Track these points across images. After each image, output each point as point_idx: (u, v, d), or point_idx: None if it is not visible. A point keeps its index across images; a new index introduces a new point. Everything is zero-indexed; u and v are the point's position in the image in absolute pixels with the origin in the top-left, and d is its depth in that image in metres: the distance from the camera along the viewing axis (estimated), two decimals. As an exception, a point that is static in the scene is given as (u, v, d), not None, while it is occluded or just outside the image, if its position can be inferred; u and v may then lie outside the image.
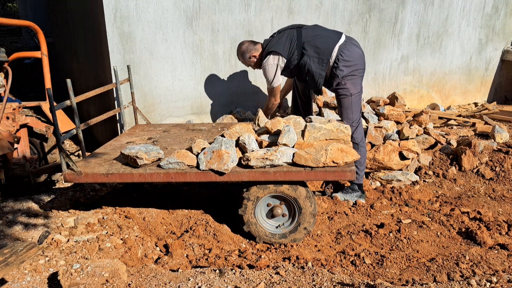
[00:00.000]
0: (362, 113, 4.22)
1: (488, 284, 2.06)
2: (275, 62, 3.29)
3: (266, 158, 2.61)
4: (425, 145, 4.12)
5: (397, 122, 4.31)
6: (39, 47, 3.58)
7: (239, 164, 2.71)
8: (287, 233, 2.86)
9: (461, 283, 2.10)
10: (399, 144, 3.83)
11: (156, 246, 2.83)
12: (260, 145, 2.82)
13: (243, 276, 2.22)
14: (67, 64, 6.37)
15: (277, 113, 4.41)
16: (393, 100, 4.70)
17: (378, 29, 4.83)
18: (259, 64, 3.49)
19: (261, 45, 3.44)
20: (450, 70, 5.51)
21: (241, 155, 2.74)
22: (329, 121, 2.91)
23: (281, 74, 3.42)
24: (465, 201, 3.42)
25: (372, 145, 3.88)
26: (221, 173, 2.66)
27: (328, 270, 2.37)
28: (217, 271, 2.27)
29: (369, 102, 4.67)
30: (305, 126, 2.83)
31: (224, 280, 2.17)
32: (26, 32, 11.58)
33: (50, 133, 3.67)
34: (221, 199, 3.51)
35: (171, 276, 2.25)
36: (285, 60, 3.28)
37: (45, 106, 3.75)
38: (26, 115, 3.58)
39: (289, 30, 3.34)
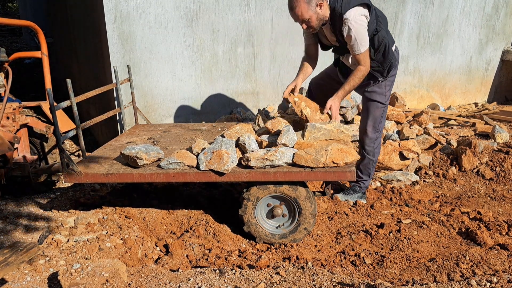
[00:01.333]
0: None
1: (488, 284, 2.06)
2: (364, 16, 2.62)
3: (266, 159, 2.61)
4: (425, 145, 4.12)
5: (397, 122, 4.31)
6: (39, 47, 3.58)
7: (239, 165, 2.71)
8: (287, 233, 2.86)
9: (461, 283, 2.10)
10: (399, 144, 3.83)
11: (156, 246, 2.83)
12: (260, 145, 2.82)
13: (243, 276, 2.22)
14: (67, 64, 6.38)
15: (277, 113, 4.41)
16: (393, 100, 4.69)
17: (378, 29, 4.83)
18: (319, 19, 2.71)
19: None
20: (450, 70, 5.51)
21: (241, 156, 2.74)
22: (329, 121, 2.91)
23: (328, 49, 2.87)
24: (465, 201, 3.42)
25: (372, 145, 3.88)
26: (221, 174, 2.66)
27: (328, 270, 2.37)
28: (217, 271, 2.27)
29: (369, 102, 4.67)
30: (305, 126, 2.82)
31: (224, 280, 2.17)
32: (26, 32, 11.58)
33: (50, 133, 3.67)
34: (221, 199, 3.51)
35: (171, 276, 2.25)
36: (368, 18, 2.64)
37: (45, 106, 3.75)
38: (26, 115, 3.58)
39: None
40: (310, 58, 3.08)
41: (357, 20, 2.62)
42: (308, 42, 3.04)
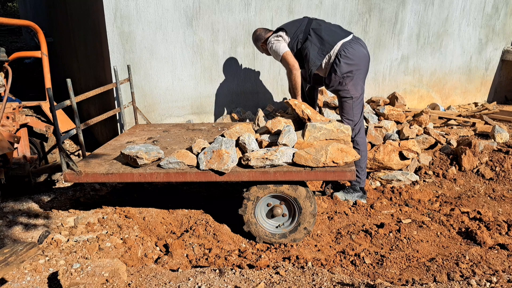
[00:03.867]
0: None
1: (488, 284, 2.06)
2: (278, 35, 3.30)
3: (266, 158, 2.61)
4: (425, 145, 4.12)
5: (397, 122, 4.31)
6: (39, 47, 3.58)
7: (239, 164, 2.71)
8: (287, 233, 2.86)
9: (461, 283, 2.10)
10: (399, 144, 3.83)
11: (156, 245, 2.83)
12: (260, 145, 2.82)
13: (243, 276, 2.22)
14: (67, 64, 6.38)
15: (277, 113, 4.41)
16: (393, 100, 4.70)
17: (378, 29, 4.83)
18: (263, 50, 3.57)
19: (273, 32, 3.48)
20: (450, 70, 5.51)
21: (241, 155, 2.74)
22: (329, 121, 2.91)
23: None
24: (465, 201, 3.42)
25: (372, 145, 3.88)
26: (221, 173, 2.66)
27: (328, 270, 2.37)
28: (217, 271, 2.27)
29: (369, 102, 4.67)
30: (306, 125, 2.83)
31: (224, 280, 2.17)
32: (26, 32, 11.59)
33: (50, 132, 3.67)
34: (221, 199, 3.51)
35: (171, 276, 2.25)
36: (288, 39, 3.28)
37: (45, 105, 3.75)
38: (26, 115, 3.58)
39: (303, 18, 3.42)
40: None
41: (271, 43, 3.32)
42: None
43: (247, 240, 2.97)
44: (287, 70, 3.34)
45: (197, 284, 2.14)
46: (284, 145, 2.72)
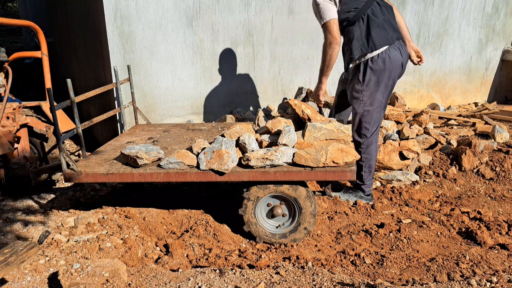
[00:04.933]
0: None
1: (488, 284, 2.06)
2: None
3: (266, 158, 2.61)
4: (425, 145, 4.12)
5: (397, 122, 4.31)
6: (39, 47, 3.58)
7: (239, 164, 2.71)
8: (287, 233, 2.86)
9: (461, 283, 2.10)
10: (399, 144, 3.83)
11: (156, 246, 2.83)
12: (260, 145, 2.82)
13: (243, 276, 2.22)
14: (67, 64, 6.38)
15: (277, 113, 4.41)
16: (393, 100, 4.70)
17: (378, 29, 4.83)
18: None
19: None
20: (450, 70, 5.51)
21: (241, 155, 2.74)
22: (329, 121, 2.91)
23: None
24: (465, 201, 3.42)
25: (372, 145, 3.88)
26: (221, 173, 2.66)
27: (328, 270, 2.37)
28: (217, 271, 2.27)
29: (369, 102, 4.67)
30: (306, 125, 2.83)
31: (224, 280, 2.17)
32: (26, 32, 11.59)
33: (50, 133, 3.67)
34: (221, 199, 3.51)
35: (171, 276, 2.25)
36: (339, 6, 2.83)
37: (45, 106, 3.75)
38: (26, 115, 3.58)
39: None
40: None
41: None
42: None
43: (247, 240, 2.97)
44: (325, 41, 2.90)
45: (197, 284, 2.14)
46: (284, 145, 2.72)
